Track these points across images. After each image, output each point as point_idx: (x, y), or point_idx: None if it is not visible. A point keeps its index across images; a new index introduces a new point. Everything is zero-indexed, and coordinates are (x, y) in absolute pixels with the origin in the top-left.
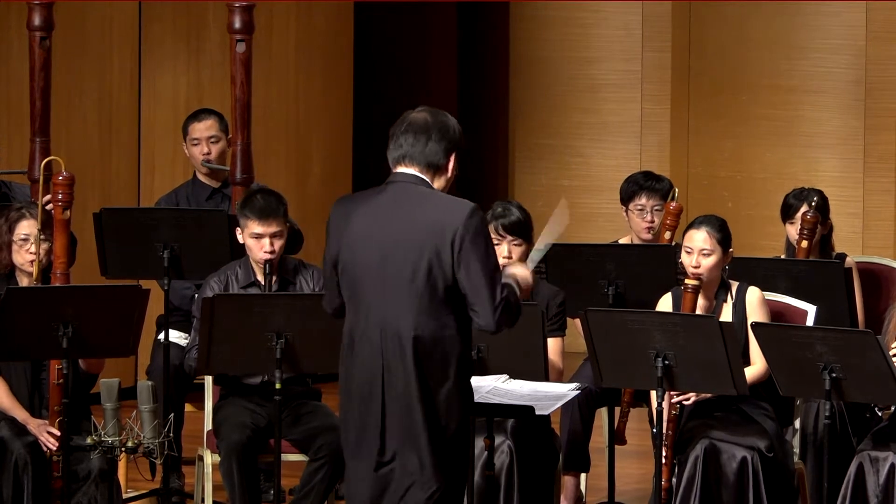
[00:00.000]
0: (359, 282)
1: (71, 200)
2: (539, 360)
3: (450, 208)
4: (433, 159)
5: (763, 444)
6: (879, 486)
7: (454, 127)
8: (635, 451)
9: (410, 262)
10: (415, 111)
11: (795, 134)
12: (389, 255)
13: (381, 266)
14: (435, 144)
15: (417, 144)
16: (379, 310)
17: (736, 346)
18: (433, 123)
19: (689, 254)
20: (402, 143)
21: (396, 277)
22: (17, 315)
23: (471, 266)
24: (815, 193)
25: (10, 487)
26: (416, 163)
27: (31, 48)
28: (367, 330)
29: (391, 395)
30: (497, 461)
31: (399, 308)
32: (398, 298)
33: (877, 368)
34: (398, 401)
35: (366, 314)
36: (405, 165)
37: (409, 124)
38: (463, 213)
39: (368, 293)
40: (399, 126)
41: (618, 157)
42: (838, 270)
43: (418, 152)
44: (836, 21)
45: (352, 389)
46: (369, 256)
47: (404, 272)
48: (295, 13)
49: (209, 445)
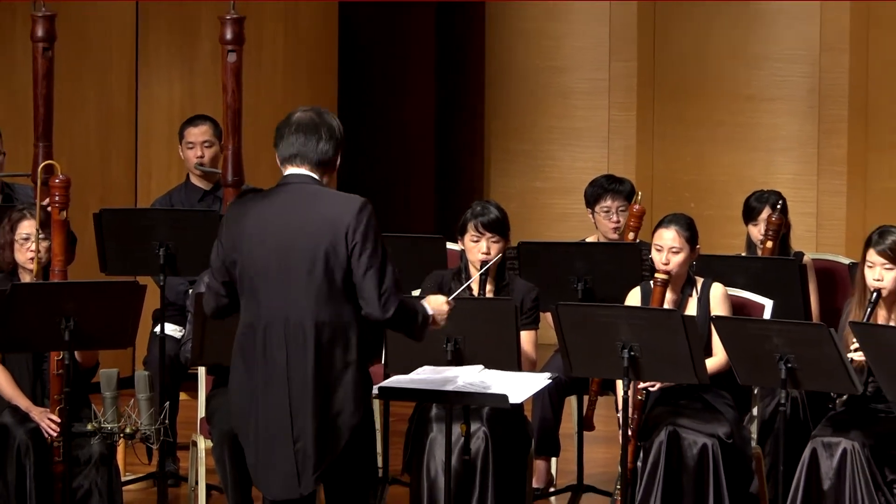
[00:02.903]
0: (258, 278)
1: (67, 202)
2: (512, 351)
3: (342, 204)
4: (324, 157)
5: (723, 430)
6: (832, 470)
7: (339, 126)
8: (603, 436)
9: (309, 256)
10: (300, 111)
11: (754, 139)
12: (288, 251)
13: (282, 261)
14: (325, 143)
15: (309, 143)
16: (280, 302)
17: (697, 338)
18: (321, 123)
19: (659, 251)
20: (293, 142)
21: (296, 270)
22: (21, 310)
23: (361, 257)
24: (777, 196)
25: (13, 472)
26: (307, 162)
27: (34, 58)
28: (270, 322)
29: (296, 381)
30: (473, 446)
31: (300, 299)
32: (299, 290)
33: (830, 359)
34: (303, 386)
35: (267, 307)
36: (297, 165)
37: (297, 124)
38: (354, 208)
39: (269, 288)
40: (287, 126)
41: (587, 160)
42: (795, 267)
43: (310, 151)
44: (791, 33)
45: (255, 378)
46: (268, 254)
47: (304, 265)
48: (282, 25)
49: (202, 432)
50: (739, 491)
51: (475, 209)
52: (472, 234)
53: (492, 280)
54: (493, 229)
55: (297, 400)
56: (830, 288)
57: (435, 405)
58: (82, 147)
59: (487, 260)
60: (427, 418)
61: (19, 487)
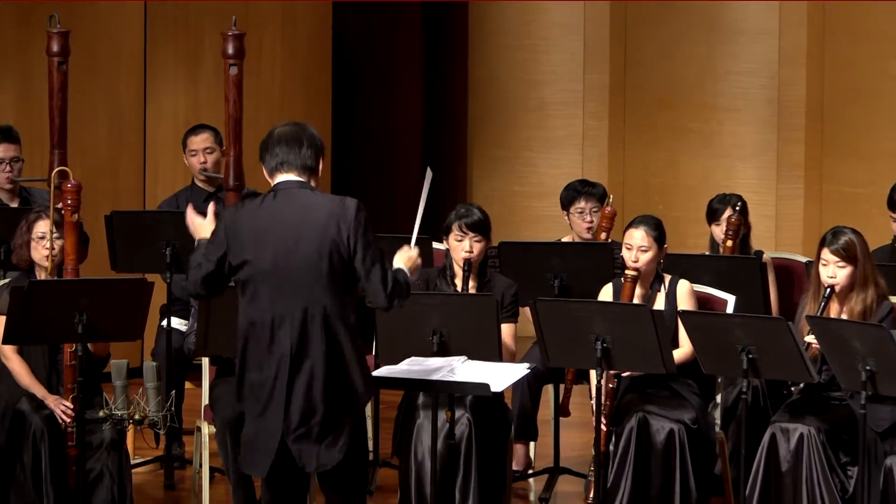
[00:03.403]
0: (260, 279)
1: (78, 205)
2: (494, 343)
3: (338, 206)
4: (307, 163)
5: (689, 416)
6: (790, 453)
7: (318, 136)
8: (577, 422)
9: (313, 252)
10: (280, 126)
11: (718, 146)
12: (292, 251)
13: (285, 260)
14: (307, 150)
15: (292, 152)
16: (286, 298)
17: (665, 331)
18: (302, 132)
19: (630, 249)
20: (277, 152)
21: (303, 270)
22: (38, 305)
23: (364, 255)
24: (737, 199)
25: (29, 455)
26: (293, 168)
27: (50, 72)
28: (276, 316)
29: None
30: (457, 431)
31: (309, 295)
32: (307, 288)
33: (788, 350)
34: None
35: (271, 303)
36: (284, 172)
37: (279, 137)
38: (352, 209)
39: (273, 286)
40: (270, 140)
41: (562, 166)
42: (755, 265)
43: (294, 158)
44: (752, 49)
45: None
46: (271, 253)
47: (310, 265)
48: (280, 41)
49: (206, 418)
50: (704, 472)
51: (459, 211)
52: (456, 234)
53: (474, 277)
54: (475, 229)
55: (309, 385)
56: (788, 284)
57: (422, 393)
58: (94, 154)
59: (470, 259)
60: (414, 405)
61: (35, 470)
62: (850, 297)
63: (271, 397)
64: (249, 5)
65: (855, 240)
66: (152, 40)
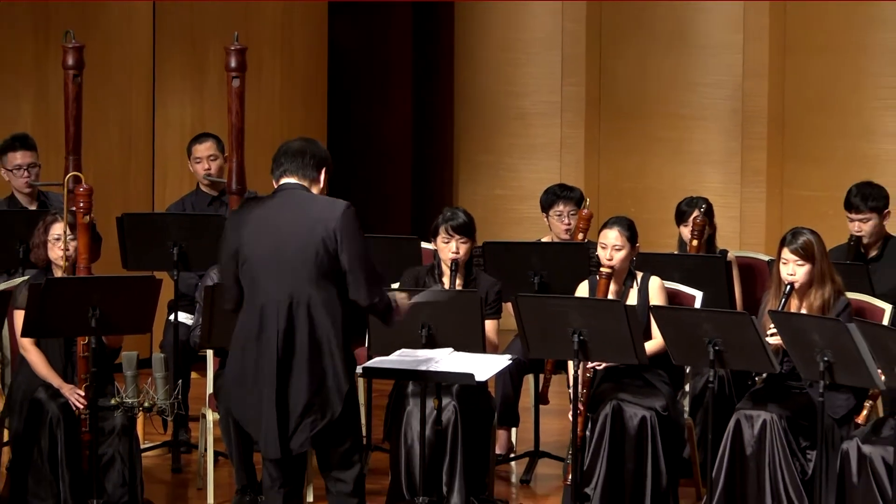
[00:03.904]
0: (258, 268)
1: (90, 207)
2: (478, 336)
3: (329, 207)
4: (309, 173)
5: (660, 404)
6: (753, 438)
7: (324, 151)
8: (556, 409)
9: (303, 249)
10: (290, 141)
11: (686, 153)
12: (285, 245)
13: (279, 253)
14: (309, 161)
15: (295, 162)
16: (277, 287)
17: (638, 324)
18: (307, 147)
19: (604, 248)
20: (283, 162)
21: (293, 261)
22: (55, 301)
23: (349, 252)
24: (703, 201)
25: (46, 440)
26: (296, 175)
27: (65, 84)
28: (266, 303)
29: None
30: (444, 418)
31: (294, 284)
32: (294, 277)
33: (751, 343)
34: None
35: (265, 291)
36: (288, 177)
37: (287, 150)
38: (340, 210)
39: (268, 275)
40: (279, 152)
41: (542, 171)
42: (721, 263)
43: (297, 167)
44: (718, 62)
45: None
46: (267, 248)
47: (298, 256)
48: (280, 55)
49: (210, 406)
50: (674, 456)
51: (446, 214)
52: (443, 236)
53: (461, 275)
54: (461, 232)
55: (291, 370)
56: (751, 281)
57: (411, 382)
58: (106, 160)
59: (457, 259)
60: (404, 394)
61: (52, 454)
62: (808, 293)
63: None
64: (251, 22)
65: (813, 240)
66: (160, 55)
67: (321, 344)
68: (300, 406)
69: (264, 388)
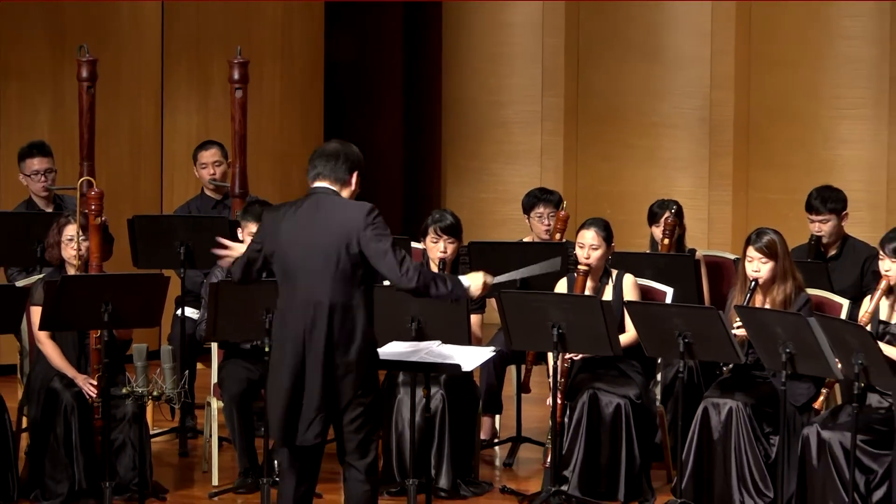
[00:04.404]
0: (290, 269)
1: (101, 210)
2: (464, 329)
3: (353, 210)
4: (341, 176)
5: (633, 392)
6: (720, 424)
7: (357, 154)
8: (537, 397)
9: (328, 251)
10: (327, 143)
11: (657, 158)
12: (313, 247)
13: (307, 255)
14: (342, 165)
15: (328, 165)
16: (305, 287)
17: (613, 319)
18: (341, 150)
19: (582, 248)
20: (317, 164)
21: (319, 263)
22: (69, 297)
23: (375, 246)
24: (674, 203)
25: (61, 427)
26: (328, 178)
27: (80, 94)
28: (296, 302)
29: (310, 349)
30: (433, 406)
31: (321, 284)
32: (322, 278)
33: (718, 335)
34: (317, 353)
35: (294, 290)
36: (320, 181)
37: (322, 152)
38: (363, 212)
39: (298, 276)
40: (315, 153)
41: (524, 176)
42: (690, 261)
43: (329, 170)
44: (687, 74)
45: (285, 345)
46: (297, 249)
47: (324, 258)
48: (279, 68)
49: (215, 394)
50: (646, 441)
51: (434, 216)
52: (432, 237)
53: (448, 273)
54: (449, 232)
55: (310, 365)
56: (718, 278)
57: (402, 372)
58: (118, 165)
59: (445, 258)
60: (395, 383)
61: (67, 440)
62: (772, 288)
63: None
64: (252, 37)
65: (776, 239)
66: (168, 67)
67: (339, 345)
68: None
69: (284, 381)
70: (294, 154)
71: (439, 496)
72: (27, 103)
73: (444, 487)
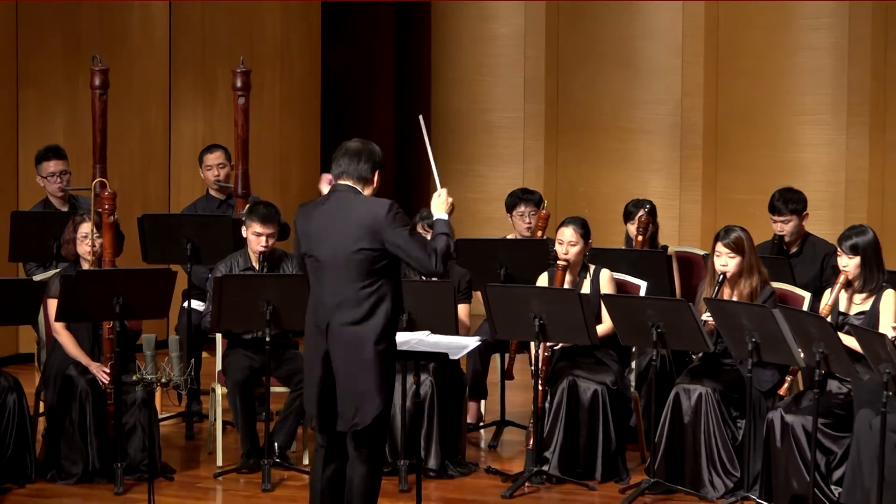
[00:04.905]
0: (319, 265)
1: (114, 209)
2: (451, 320)
3: (375, 206)
4: (363, 174)
5: (610, 379)
6: (691, 409)
7: (378, 152)
8: (519, 384)
9: (352, 246)
10: (350, 141)
11: (632, 161)
12: (338, 243)
13: (333, 251)
14: (364, 164)
15: (352, 164)
16: (333, 281)
17: (590, 310)
18: (363, 149)
19: (561, 244)
20: (341, 162)
21: (343, 258)
22: (84, 290)
23: (398, 240)
24: (647, 203)
25: (76, 412)
26: (351, 177)
27: (93, 101)
28: (324, 295)
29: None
30: (422, 391)
31: (347, 278)
32: (347, 272)
33: (689, 326)
34: (346, 345)
35: (322, 285)
36: (344, 179)
37: (346, 150)
38: (384, 208)
39: (326, 271)
40: (340, 151)
41: (507, 177)
42: (662, 257)
43: (353, 169)
44: (660, 83)
45: (312, 337)
46: (324, 247)
47: (347, 253)
48: (279, 76)
49: (219, 381)
50: (622, 424)
51: (423, 213)
52: (421, 232)
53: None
54: None
55: (337, 360)
56: (689, 272)
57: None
58: (129, 168)
59: None
60: None
61: (81, 423)
62: (739, 282)
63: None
64: (254, 48)
65: (743, 236)
66: (175, 76)
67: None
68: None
69: (315, 373)
70: (292, 157)
71: (428, 476)
72: (44, 110)
73: (433, 468)
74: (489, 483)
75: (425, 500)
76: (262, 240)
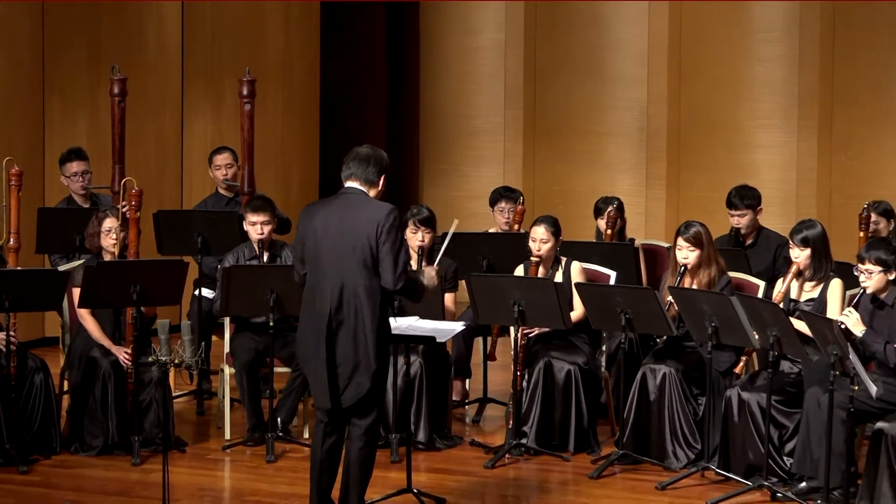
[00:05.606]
0: (319, 257)
1: (140, 206)
2: (438, 307)
3: (377, 209)
4: (370, 177)
5: (582, 360)
6: (656, 387)
7: (385, 158)
8: (501, 364)
9: (354, 243)
10: (361, 147)
11: (602, 162)
12: (341, 239)
13: (337, 246)
14: (372, 168)
15: (360, 167)
16: (335, 272)
17: (564, 298)
18: (371, 154)
19: (534, 242)
20: (351, 165)
21: (346, 252)
22: (104, 279)
23: (383, 247)
24: (616, 200)
25: (100, 390)
26: (359, 179)
27: (112, 108)
28: (324, 286)
29: (340, 327)
30: (412, 371)
31: (345, 271)
32: (348, 265)
33: (654, 312)
34: (346, 330)
35: (323, 276)
36: (352, 181)
37: (356, 154)
38: (384, 212)
39: (326, 264)
40: (350, 155)
41: (489, 177)
42: (630, 249)
43: (361, 172)
44: (628, 91)
45: (312, 323)
46: (327, 241)
47: (350, 248)
48: (281, 85)
49: (227, 362)
50: (593, 401)
51: (413, 210)
52: (411, 228)
53: (426, 259)
54: (425, 224)
55: (340, 339)
56: (654, 263)
57: None
58: (145, 168)
59: (423, 246)
60: None
61: (103, 400)
62: (698, 272)
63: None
64: (259, 59)
65: (702, 230)
66: (188, 85)
67: (362, 321)
68: (348, 369)
69: (319, 351)
70: (293, 159)
71: (417, 448)
72: (68, 115)
73: (421, 441)
74: (473, 455)
75: (414, 470)
76: (257, 227)
